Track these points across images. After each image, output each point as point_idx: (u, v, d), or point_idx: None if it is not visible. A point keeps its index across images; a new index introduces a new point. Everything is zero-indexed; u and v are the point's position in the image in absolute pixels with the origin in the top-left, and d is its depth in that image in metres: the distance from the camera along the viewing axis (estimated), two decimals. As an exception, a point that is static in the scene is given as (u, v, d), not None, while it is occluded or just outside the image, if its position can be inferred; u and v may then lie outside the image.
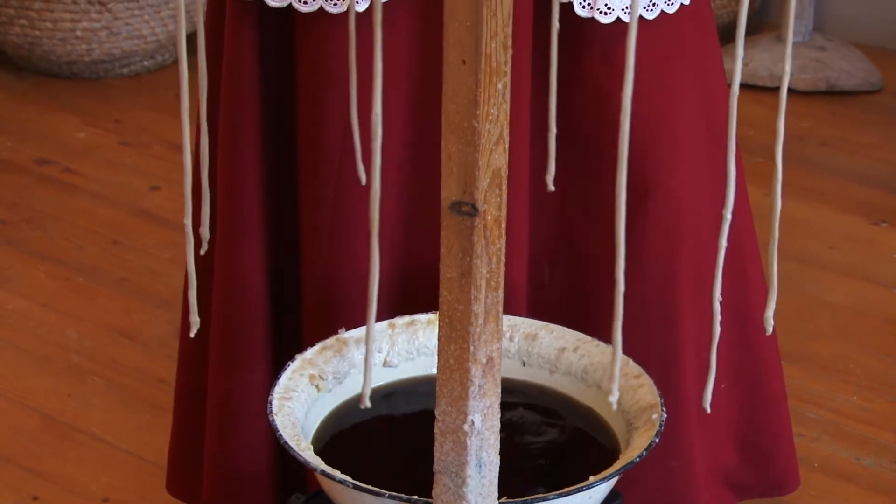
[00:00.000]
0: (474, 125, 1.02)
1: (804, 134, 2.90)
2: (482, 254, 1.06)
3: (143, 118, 2.91)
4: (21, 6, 2.96)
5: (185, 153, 0.96)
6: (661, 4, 1.41)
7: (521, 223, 1.43)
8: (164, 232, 2.53)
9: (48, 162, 2.76)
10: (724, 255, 1.01)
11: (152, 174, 2.72)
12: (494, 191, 1.05)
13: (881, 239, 2.57)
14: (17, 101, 2.99)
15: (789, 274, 2.45)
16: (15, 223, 2.57)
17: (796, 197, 2.69)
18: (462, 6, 0.99)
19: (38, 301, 2.35)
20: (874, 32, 3.26)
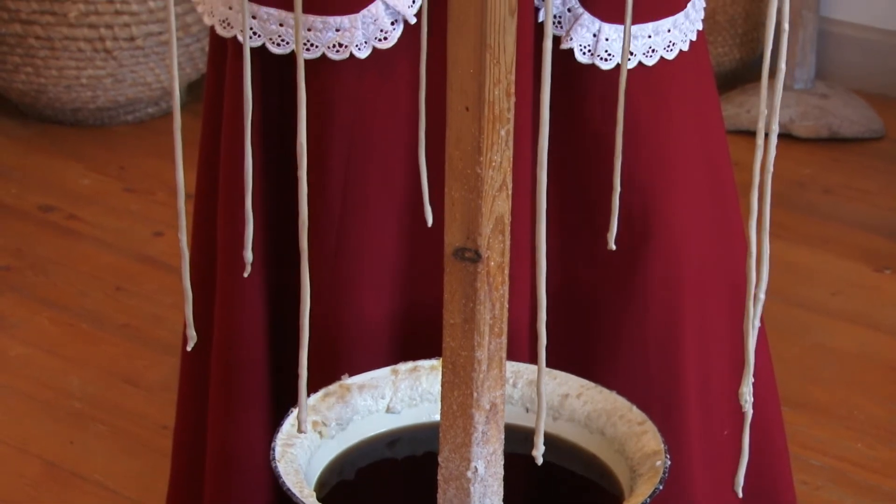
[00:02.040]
0: (477, 171, 1.02)
1: (807, 181, 2.90)
2: (485, 300, 1.06)
3: (147, 164, 2.92)
4: (27, 54, 2.98)
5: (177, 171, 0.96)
6: (661, 51, 1.42)
7: (522, 268, 1.43)
8: (167, 278, 2.53)
9: (52, 208, 2.77)
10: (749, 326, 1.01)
11: (156, 220, 2.72)
12: (497, 237, 1.05)
13: (885, 286, 2.57)
14: (22, 147, 3.00)
15: (793, 320, 2.45)
16: (19, 269, 2.57)
17: (799, 243, 2.69)
18: (465, 53, 1.00)
19: (41, 347, 2.35)
20: (876, 80, 3.27)
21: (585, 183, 1.45)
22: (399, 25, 1.35)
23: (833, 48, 3.28)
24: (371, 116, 1.39)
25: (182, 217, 0.97)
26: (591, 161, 1.44)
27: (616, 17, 1.39)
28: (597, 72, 1.40)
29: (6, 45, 2.98)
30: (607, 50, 1.39)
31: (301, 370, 1.01)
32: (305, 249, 0.97)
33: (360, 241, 1.42)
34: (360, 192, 1.41)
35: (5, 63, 3.01)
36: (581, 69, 1.40)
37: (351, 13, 1.34)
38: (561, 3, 1.38)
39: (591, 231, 1.46)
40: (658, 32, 1.41)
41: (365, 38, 1.35)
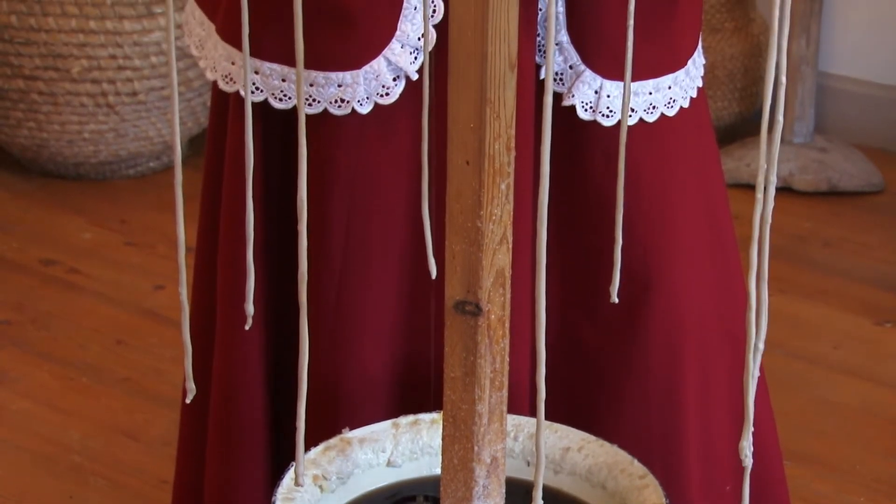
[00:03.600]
0: (478, 225, 1.02)
1: (806, 234, 2.91)
2: (486, 353, 1.06)
3: (149, 218, 2.93)
4: (29, 109, 2.99)
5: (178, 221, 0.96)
6: (662, 108, 1.43)
7: (523, 322, 1.43)
8: (167, 331, 2.53)
9: (53, 262, 2.77)
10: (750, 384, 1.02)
11: (157, 273, 2.72)
12: (498, 290, 1.05)
13: (886, 339, 2.57)
14: (24, 202, 3.01)
15: (794, 373, 2.44)
16: (20, 324, 2.57)
17: (800, 297, 2.69)
18: (465, 108, 1.00)
19: (41, 401, 2.35)
20: (875, 134, 3.28)
21: (586, 238, 1.45)
22: (401, 81, 1.36)
23: (832, 102, 3.30)
24: (372, 171, 1.39)
25: (182, 270, 0.97)
26: (593, 217, 1.44)
27: (617, 74, 1.40)
28: (598, 128, 1.41)
29: (9, 101, 2.99)
30: (609, 107, 1.40)
31: (299, 423, 1.01)
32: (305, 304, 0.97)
33: (360, 296, 1.42)
34: (360, 247, 1.41)
35: (8, 118, 3.02)
36: (583, 126, 1.41)
37: (353, 69, 1.35)
38: (563, 60, 1.39)
39: (593, 285, 1.46)
40: (659, 89, 1.42)
41: (367, 93, 1.36)
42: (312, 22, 1.34)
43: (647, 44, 1.38)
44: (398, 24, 1.34)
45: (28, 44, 2.93)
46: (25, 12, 2.92)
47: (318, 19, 1.34)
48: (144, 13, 2.95)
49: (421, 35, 1.35)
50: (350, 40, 1.35)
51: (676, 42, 1.43)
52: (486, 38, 0.98)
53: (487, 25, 0.98)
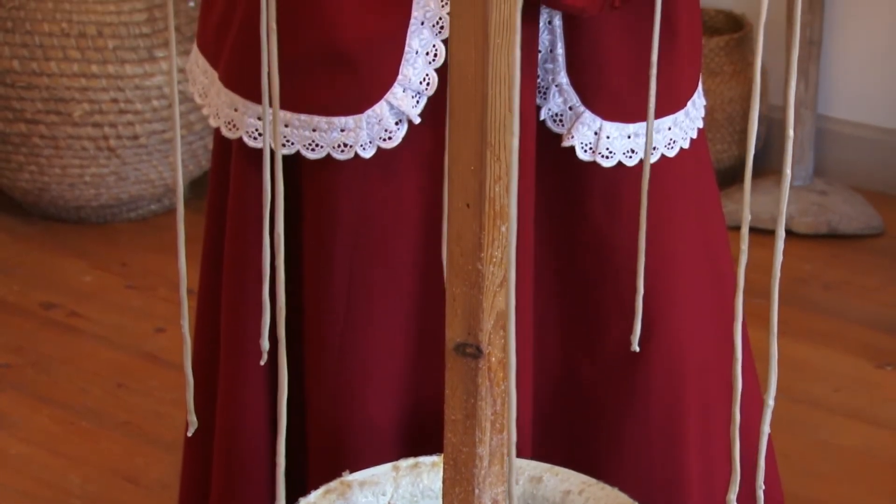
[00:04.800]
0: (479, 268, 1.03)
1: (807, 277, 2.91)
2: (487, 396, 1.06)
3: (149, 261, 2.93)
4: (31, 153, 3.00)
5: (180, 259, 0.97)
6: (662, 149, 1.43)
7: (524, 364, 1.43)
8: (168, 374, 2.53)
9: (54, 306, 2.77)
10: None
11: (158, 316, 2.72)
12: (499, 332, 1.05)
13: (887, 382, 2.57)
14: (25, 245, 3.01)
15: (795, 416, 2.44)
16: (19, 367, 2.57)
17: (800, 339, 2.69)
18: (466, 150, 1.01)
19: (41, 445, 2.34)
20: (874, 177, 3.29)
21: (587, 279, 1.45)
22: (403, 125, 1.37)
23: (831, 145, 3.30)
24: (375, 215, 1.39)
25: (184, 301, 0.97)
26: (592, 258, 1.45)
27: (617, 115, 1.40)
28: (598, 169, 1.41)
29: (11, 145, 3.00)
30: (608, 147, 1.40)
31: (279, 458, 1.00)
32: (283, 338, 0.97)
33: (364, 342, 1.42)
34: (364, 292, 1.41)
35: (10, 162, 3.03)
36: (582, 167, 1.42)
37: (356, 114, 1.35)
38: (562, 101, 1.39)
39: (594, 327, 1.46)
40: (659, 130, 1.43)
41: (369, 137, 1.36)
42: (314, 67, 1.35)
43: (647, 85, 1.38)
44: (399, 68, 1.35)
45: (30, 88, 2.94)
46: (28, 57, 2.93)
47: (319, 64, 1.35)
48: (146, 57, 2.96)
49: (422, 79, 1.35)
50: (352, 85, 1.35)
51: (675, 83, 1.43)
52: (487, 82, 0.99)
53: (488, 69, 0.98)
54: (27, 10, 2.94)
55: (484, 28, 0.97)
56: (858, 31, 3.26)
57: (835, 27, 3.26)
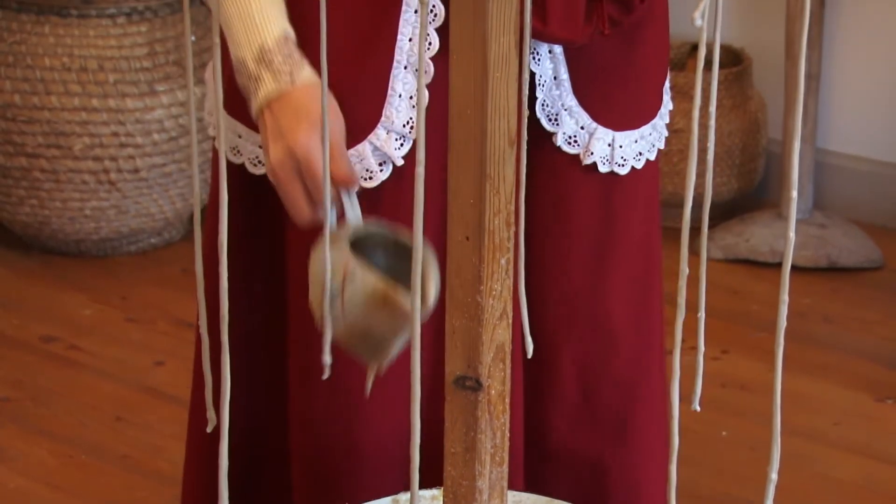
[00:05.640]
0: (478, 300, 1.03)
1: (806, 310, 2.91)
2: (486, 428, 1.06)
3: (149, 294, 2.93)
4: (31, 186, 3.00)
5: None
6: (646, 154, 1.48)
7: (516, 394, 1.43)
8: (167, 408, 2.53)
9: (53, 339, 2.77)
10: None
11: (157, 350, 2.72)
12: (498, 365, 1.05)
13: (887, 416, 2.56)
14: (25, 279, 3.01)
15: (795, 450, 2.43)
16: (19, 401, 2.57)
17: (801, 373, 2.69)
18: (465, 183, 1.01)
19: (40, 480, 2.33)
20: (873, 210, 3.29)
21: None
22: (387, 167, 1.38)
23: (830, 179, 3.31)
24: None
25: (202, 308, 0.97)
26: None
27: (625, 124, 1.46)
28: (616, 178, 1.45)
29: (11, 178, 3.01)
30: (623, 157, 1.46)
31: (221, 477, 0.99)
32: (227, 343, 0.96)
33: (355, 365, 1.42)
34: None
35: (10, 196, 3.03)
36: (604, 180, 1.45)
37: None
38: (574, 122, 1.43)
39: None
40: (643, 137, 1.48)
41: None
42: None
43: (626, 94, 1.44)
44: (383, 110, 1.36)
45: (31, 122, 2.95)
46: (29, 91, 2.94)
47: None
48: (147, 91, 2.97)
49: (406, 122, 1.37)
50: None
51: (648, 92, 1.48)
52: (487, 115, 0.99)
53: (488, 102, 0.99)
54: (28, 45, 2.95)
55: (483, 62, 0.98)
56: (857, 65, 3.27)
57: (833, 61, 3.28)
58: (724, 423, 2.51)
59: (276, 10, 1.33)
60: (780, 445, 0.97)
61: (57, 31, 2.95)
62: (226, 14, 1.33)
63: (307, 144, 1.30)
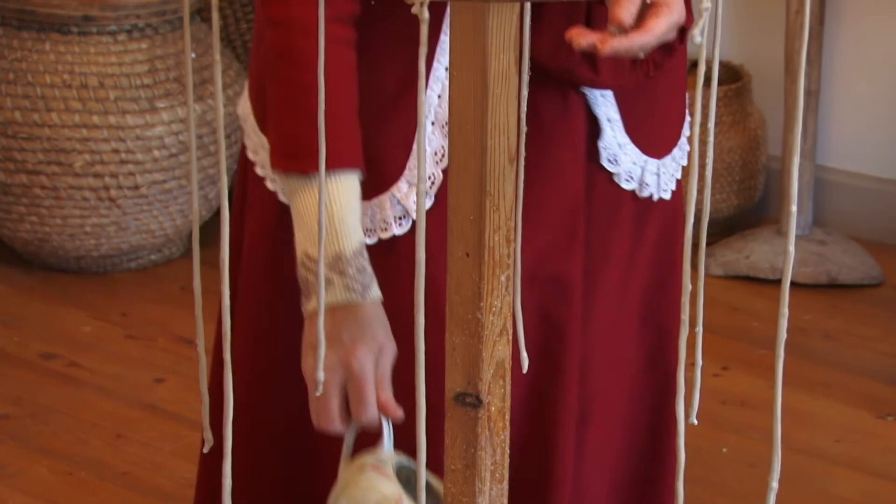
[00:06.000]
0: (478, 317, 1.03)
1: (807, 326, 2.91)
2: (486, 445, 1.06)
3: (149, 311, 2.93)
4: (32, 203, 3.00)
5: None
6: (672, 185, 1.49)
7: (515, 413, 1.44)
8: (167, 424, 2.52)
9: (53, 356, 2.77)
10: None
11: (157, 366, 2.72)
12: (498, 382, 1.05)
13: (887, 433, 2.56)
14: (25, 296, 3.01)
15: (796, 467, 2.43)
16: (18, 418, 2.56)
17: (801, 389, 2.69)
18: (465, 200, 1.01)
19: (40, 496, 2.33)
20: (873, 227, 3.29)
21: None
22: (407, 221, 1.39)
23: (830, 195, 3.31)
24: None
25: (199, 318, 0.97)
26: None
27: (666, 151, 1.50)
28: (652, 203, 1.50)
29: (12, 196, 3.01)
30: (667, 183, 1.50)
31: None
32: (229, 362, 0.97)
33: None
34: None
35: (10, 213, 3.03)
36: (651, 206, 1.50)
37: (362, 200, 1.36)
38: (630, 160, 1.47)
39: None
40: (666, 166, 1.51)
41: (372, 225, 1.38)
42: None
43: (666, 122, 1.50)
44: (407, 163, 1.37)
45: (31, 139, 2.95)
46: (29, 108, 2.95)
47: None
48: (147, 108, 2.97)
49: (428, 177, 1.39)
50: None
51: (678, 116, 1.53)
52: (487, 132, 0.99)
53: (487, 119, 0.99)
54: (29, 62, 2.95)
55: (483, 78, 0.98)
56: (856, 82, 3.28)
57: (833, 77, 3.28)
58: (725, 439, 2.51)
59: (354, 220, 1.32)
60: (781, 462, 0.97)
61: (58, 49, 2.95)
62: (300, 206, 1.32)
63: (364, 363, 1.30)
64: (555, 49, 1.36)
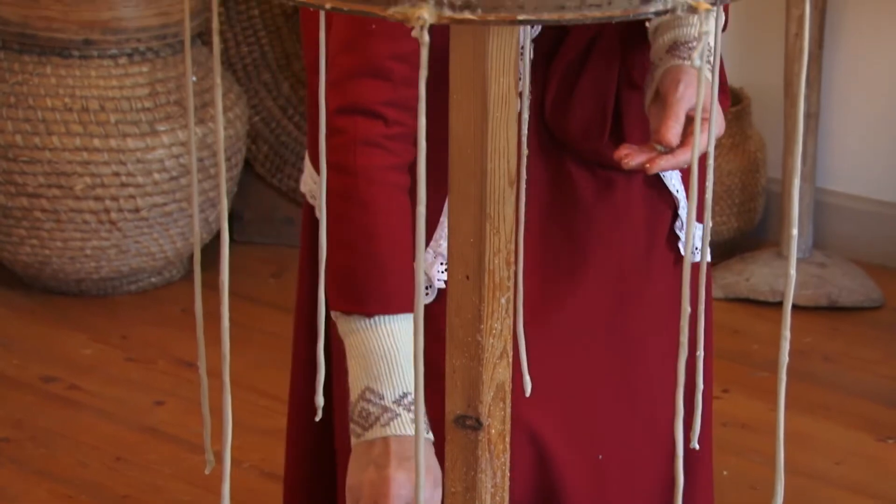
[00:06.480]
0: (478, 339, 1.03)
1: (807, 349, 2.91)
2: (487, 468, 1.06)
3: (149, 334, 2.93)
4: (32, 226, 3.00)
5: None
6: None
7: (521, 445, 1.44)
8: (167, 447, 2.52)
9: (54, 379, 2.76)
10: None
11: (157, 389, 2.72)
12: (498, 405, 1.05)
13: (888, 456, 2.56)
14: (25, 319, 3.01)
15: (796, 490, 2.43)
16: (19, 441, 2.56)
17: (801, 412, 2.68)
18: (465, 223, 1.01)
19: (39, 519, 2.33)
20: (873, 250, 3.29)
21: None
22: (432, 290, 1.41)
23: (829, 218, 3.31)
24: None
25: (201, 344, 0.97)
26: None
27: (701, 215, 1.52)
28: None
29: (12, 219, 3.01)
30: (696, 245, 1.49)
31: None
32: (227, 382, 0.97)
33: None
34: None
35: (11, 236, 3.03)
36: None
37: None
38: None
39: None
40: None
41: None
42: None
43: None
44: (434, 233, 1.39)
45: (32, 162, 2.96)
46: (30, 131, 2.95)
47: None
48: (148, 131, 2.98)
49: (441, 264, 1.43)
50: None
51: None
52: (486, 155, 0.99)
53: (487, 142, 0.99)
54: (30, 85, 2.96)
55: (483, 102, 0.98)
56: (856, 105, 3.28)
57: (832, 100, 3.29)
58: (726, 462, 2.51)
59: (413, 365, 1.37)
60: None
61: (59, 72, 2.96)
62: (359, 345, 1.36)
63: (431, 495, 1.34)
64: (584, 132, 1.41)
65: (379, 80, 1.33)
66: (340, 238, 1.35)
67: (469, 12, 0.80)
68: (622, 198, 1.46)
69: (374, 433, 1.34)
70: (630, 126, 1.43)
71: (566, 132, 1.40)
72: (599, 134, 1.39)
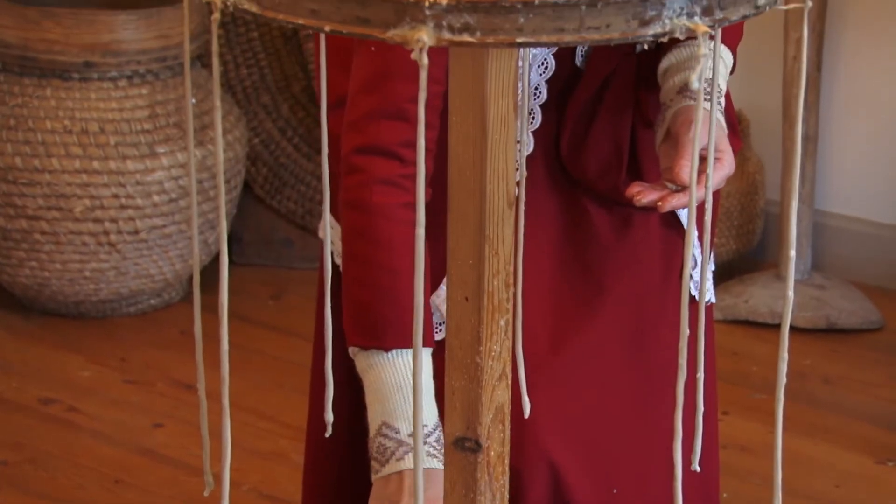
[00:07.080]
0: (477, 361, 1.03)
1: (806, 371, 2.91)
2: (486, 490, 1.06)
3: (148, 356, 2.93)
4: (32, 249, 3.00)
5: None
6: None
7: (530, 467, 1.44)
8: (166, 470, 2.52)
9: (52, 401, 2.76)
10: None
11: (156, 411, 2.71)
12: (498, 426, 1.05)
13: (888, 478, 2.55)
14: (24, 341, 3.01)
15: (796, 513, 2.42)
16: (17, 464, 2.56)
17: (801, 434, 2.68)
18: (464, 245, 1.01)
19: (37, 542, 2.32)
20: (872, 272, 3.29)
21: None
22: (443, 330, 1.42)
23: (828, 240, 3.32)
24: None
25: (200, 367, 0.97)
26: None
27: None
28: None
29: (12, 241, 3.01)
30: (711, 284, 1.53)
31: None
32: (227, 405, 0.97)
33: None
34: None
35: (10, 258, 3.03)
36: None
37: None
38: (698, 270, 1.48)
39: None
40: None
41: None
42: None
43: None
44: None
45: (31, 184, 2.96)
46: (30, 154, 2.95)
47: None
48: (147, 153, 2.98)
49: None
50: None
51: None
52: (485, 177, 1.00)
53: (486, 164, 0.99)
54: (30, 108, 2.96)
55: (482, 124, 0.99)
56: (854, 127, 3.29)
57: (831, 123, 3.29)
58: (725, 485, 2.50)
59: (430, 395, 1.38)
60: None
61: (58, 94, 2.96)
62: (377, 380, 1.37)
63: None
64: (601, 171, 1.43)
65: (398, 121, 1.36)
66: (356, 275, 1.37)
67: (468, 35, 0.80)
68: (639, 234, 1.47)
69: (391, 468, 1.35)
70: (647, 164, 1.45)
71: (583, 171, 1.42)
72: (616, 172, 1.42)
